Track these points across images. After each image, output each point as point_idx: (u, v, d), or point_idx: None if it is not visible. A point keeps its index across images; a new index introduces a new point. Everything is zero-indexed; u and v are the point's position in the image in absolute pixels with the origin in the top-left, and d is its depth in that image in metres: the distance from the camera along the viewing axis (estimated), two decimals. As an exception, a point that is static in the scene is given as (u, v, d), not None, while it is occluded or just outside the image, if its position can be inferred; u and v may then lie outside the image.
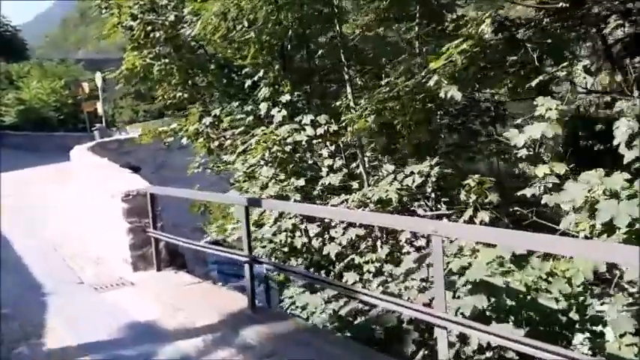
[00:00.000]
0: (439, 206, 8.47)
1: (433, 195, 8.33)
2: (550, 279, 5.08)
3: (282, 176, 8.38)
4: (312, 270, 7.96)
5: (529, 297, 4.85)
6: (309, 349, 5.20)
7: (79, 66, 47.45)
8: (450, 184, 8.05)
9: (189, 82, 11.42)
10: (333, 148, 8.84)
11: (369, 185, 8.38)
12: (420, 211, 8.61)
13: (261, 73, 9.62)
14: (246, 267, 6.25)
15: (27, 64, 45.61)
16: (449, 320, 3.87)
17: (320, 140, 8.82)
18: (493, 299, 4.68)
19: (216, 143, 10.87)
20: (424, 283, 6.33)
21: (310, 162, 8.74)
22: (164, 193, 8.59)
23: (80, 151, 17.84)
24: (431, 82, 6.47)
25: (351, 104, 8.55)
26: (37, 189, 17.78)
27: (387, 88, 7.11)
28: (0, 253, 9.89)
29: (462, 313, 4.60)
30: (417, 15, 9.37)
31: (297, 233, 8.18)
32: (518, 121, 7.29)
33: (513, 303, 4.71)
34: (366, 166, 8.75)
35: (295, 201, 7.90)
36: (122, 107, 55.95)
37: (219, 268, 17.42)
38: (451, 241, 6.64)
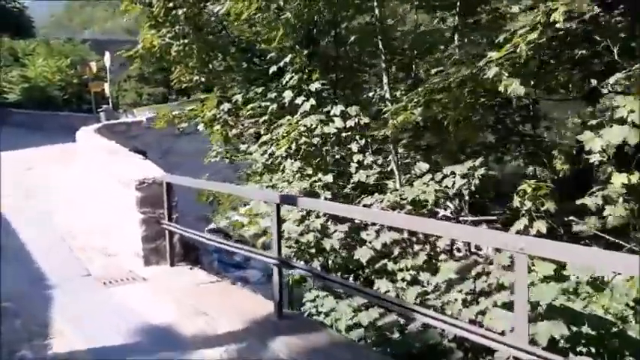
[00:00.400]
0: (464, 211, 7.90)
1: (467, 198, 7.73)
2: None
3: (308, 170, 7.77)
4: (339, 274, 7.37)
5: (614, 327, 4.24)
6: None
7: (85, 46, 46.72)
8: (484, 188, 7.44)
9: (209, 65, 10.79)
10: (362, 142, 8.22)
11: (401, 184, 7.78)
12: (442, 214, 8.06)
13: (287, 59, 8.99)
14: (275, 270, 5.66)
15: (33, 41, 44.85)
16: (536, 355, 3.27)
17: (349, 133, 8.20)
18: (573, 328, 4.07)
19: (234, 131, 10.26)
20: (468, 296, 5.74)
21: (337, 156, 8.13)
22: (181, 183, 8.00)
23: (87, 132, 17.22)
24: (490, 74, 5.85)
25: (387, 95, 7.94)
26: (42, 171, 17.15)
27: (439, 78, 6.49)
28: (0, 239, 9.33)
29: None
30: (458, 4, 8.73)
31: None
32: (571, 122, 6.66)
33: (594, 333, 4.10)
34: (399, 163, 8.15)
35: (326, 199, 7.29)
36: (125, 90, 55.43)
37: (219, 257, 16.84)
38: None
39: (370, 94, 8.33)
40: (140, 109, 26.49)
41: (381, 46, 8.37)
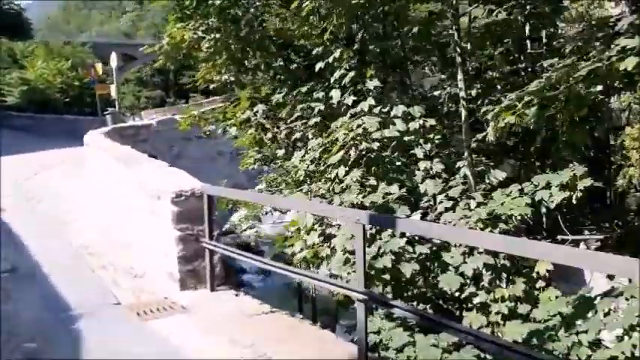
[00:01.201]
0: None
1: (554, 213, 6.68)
2: None
3: (371, 180, 6.71)
4: (420, 305, 6.29)
5: None
6: None
7: (86, 48, 45.70)
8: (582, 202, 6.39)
9: (245, 62, 9.72)
10: (428, 147, 7.17)
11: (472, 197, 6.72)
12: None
13: (337, 54, 7.94)
14: (360, 308, 4.59)
15: (32, 42, 43.82)
16: None
17: (413, 137, 7.16)
18: None
19: (269, 135, 9.22)
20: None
21: (398, 163, 7.08)
22: (227, 196, 6.97)
23: (96, 136, 16.11)
24: (624, 66, 4.82)
25: (462, 94, 6.91)
26: (49, 177, 16.06)
27: (556, 74, 5.44)
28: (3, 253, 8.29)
29: None
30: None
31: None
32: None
33: None
34: (473, 171, 7.09)
35: (407, 216, 6.23)
36: (124, 93, 54.33)
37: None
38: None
39: (436, 93, 7.31)
40: (147, 111, 25.42)
41: (456, 37, 7.33)
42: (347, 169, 7.20)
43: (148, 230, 7.91)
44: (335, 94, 7.91)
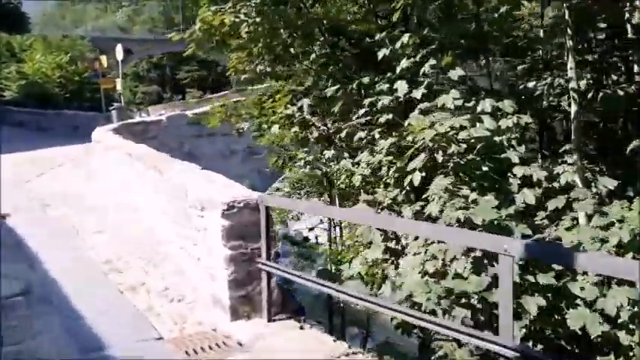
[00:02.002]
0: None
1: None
2: None
3: (465, 190, 5.57)
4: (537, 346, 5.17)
5: None
6: None
7: (85, 41, 44.35)
8: None
9: (289, 49, 8.54)
10: (522, 149, 6.04)
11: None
12: None
13: (405, 39, 6.79)
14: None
15: (30, 36, 42.47)
16: None
17: (505, 137, 6.02)
18: None
19: (316, 134, 8.09)
20: None
21: (485, 168, 5.95)
22: (285, 207, 5.84)
23: (105, 133, 14.95)
24: None
25: (573, 84, 5.80)
26: (56, 177, 14.86)
27: None
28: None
29: None
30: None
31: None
32: None
33: None
34: (584, 178, 5.96)
35: (524, 237, 5.08)
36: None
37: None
38: None
39: (530, 85, 6.22)
40: (154, 107, 24.15)
41: (567, 15, 6.19)
42: (423, 174, 6.08)
43: (186, 247, 6.81)
44: (401, 86, 6.79)
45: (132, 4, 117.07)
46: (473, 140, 5.83)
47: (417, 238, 6.50)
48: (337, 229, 13.68)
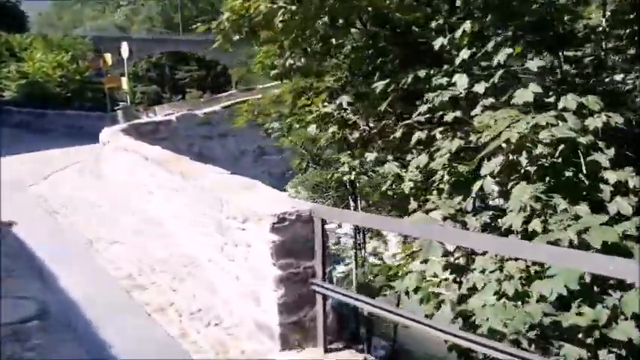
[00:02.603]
0: None
1: None
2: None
3: (558, 200, 4.77)
4: None
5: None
6: None
7: (86, 40, 43.60)
8: None
9: (326, 41, 7.75)
10: (612, 152, 5.27)
11: None
12: None
13: (467, 26, 6.02)
14: None
15: (30, 34, 41.69)
16: None
17: (592, 138, 5.24)
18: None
19: (356, 134, 7.33)
20: None
21: (568, 174, 5.19)
22: (340, 219, 5.11)
23: (114, 134, 14.21)
24: None
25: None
26: (68, 183, 14.06)
27: None
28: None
29: None
30: None
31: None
32: None
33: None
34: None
35: None
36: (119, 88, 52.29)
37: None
38: None
39: (617, 77, 5.48)
40: (161, 107, 23.34)
41: None
42: (496, 179, 5.33)
43: (220, 262, 6.06)
44: (460, 79, 6.03)
45: (130, 4, 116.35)
46: (554, 141, 5.08)
47: (484, 253, 5.77)
48: (361, 234, 12.94)
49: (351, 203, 11.44)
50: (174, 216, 8.35)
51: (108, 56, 26.25)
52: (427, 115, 6.11)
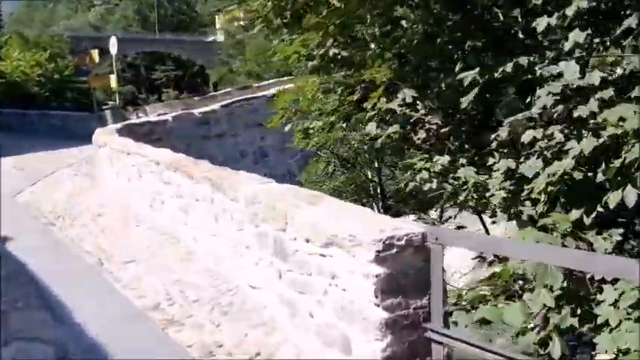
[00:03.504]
0: None
1: None
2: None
3: None
4: None
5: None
6: None
7: (64, 38, 41.86)
8: None
9: (401, 22, 6.60)
10: None
11: None
12: None
13: (582, 3, 4.92)
14: None
15: (5, 32, 39.89)
16: None
17: None
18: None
19: (423, 134, 6.22)
20: None
21: None
22: (465, 244, 3.99)
23: (109, 136, 12.91)
24: None
25: None
26: (60, 189, 12.70)
27: None
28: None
29: None
30: None
31: None
32: None
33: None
34: None
35: None
36: (94, 88, 50.61)
37: None
38: None
39: None
40: (153, 106, 21.90)
41: None
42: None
43: (285, 295, 4.91)
44: (569, 68, 4.97)
45: (104, 3, 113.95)
46: None
47: (615, 280, 4.70)
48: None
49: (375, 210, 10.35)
50: (199, 231, 7.18)
51: (95, 52, 24.74)
52: (540, 111, 5.02)
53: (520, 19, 5.89)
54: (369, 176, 14.00)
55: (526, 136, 5.01)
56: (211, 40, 79.91)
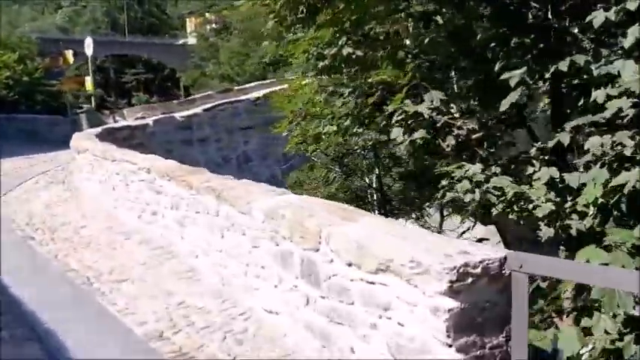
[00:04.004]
0: None
1: None
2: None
3: None
4: None
5: None
6: None
7: (33, 39, 40.47)
8: None
9: (435, 17, 5.97)
10: None
11: None
12: None
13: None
14: None
15: (-31, 33, 38.46)
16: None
17: None
18: None
19: (452, 141, 5.65)
20: None
21: None
22: (556, 274, 3.40)
23: (89, 141, 12.12)
24: None
25: None
26: (40, 202, 11.84)
27: None
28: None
29: None
30: None
31: None
32: None
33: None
34: None
35: None
36: (65, 92, 49.30)
37: None
38: None
39: None
40: (131, 109, 20.93)
41: None
42: None
43: (317, 324, 4.28)
44: (627, 68, 4.43)
45: (72, 5, 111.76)
46: None
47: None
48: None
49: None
50: (199, 246, 6.52)
51: (69, 53, 23.65)
52: (606, 116, 4.47)
53: (566, 17, 5.36)
54: (369, 182, 13.49)
55: (591, 143, 4.46)
56: (182, 43, 78.97)
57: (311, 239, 4.26)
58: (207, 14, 62.98)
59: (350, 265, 3.82)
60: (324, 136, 8.77)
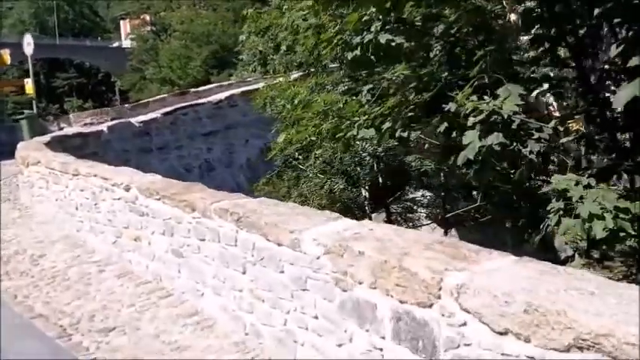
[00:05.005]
0: None
1: None
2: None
3: None
4: None
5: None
6: None
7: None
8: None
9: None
10: None
11: None
12: None
13: None
14: None
15: None
16: None
17: None
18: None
19: (535, 147, 4.52)
20: None
21: None
22: None
23: (40, 152, 10.48)
24: None
25: None
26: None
27: None
28: None
29: None
30: None
31: None
32: None
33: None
34: None
35: None
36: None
37: None
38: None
39: None
40: (78, 114, 19.01)
41: None
42: None
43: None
44: None
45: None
46: None
47: None
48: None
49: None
50: (206, 283, 5.20)
51: (6, 53, 21.42)
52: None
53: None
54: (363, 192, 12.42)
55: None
56: (117, 46, 76.31)
57: (419, 290, 3.03)
58: (146, 16, 60.55)
59: (505, 333, 2.61)
60: (358, 142, 7.48)
